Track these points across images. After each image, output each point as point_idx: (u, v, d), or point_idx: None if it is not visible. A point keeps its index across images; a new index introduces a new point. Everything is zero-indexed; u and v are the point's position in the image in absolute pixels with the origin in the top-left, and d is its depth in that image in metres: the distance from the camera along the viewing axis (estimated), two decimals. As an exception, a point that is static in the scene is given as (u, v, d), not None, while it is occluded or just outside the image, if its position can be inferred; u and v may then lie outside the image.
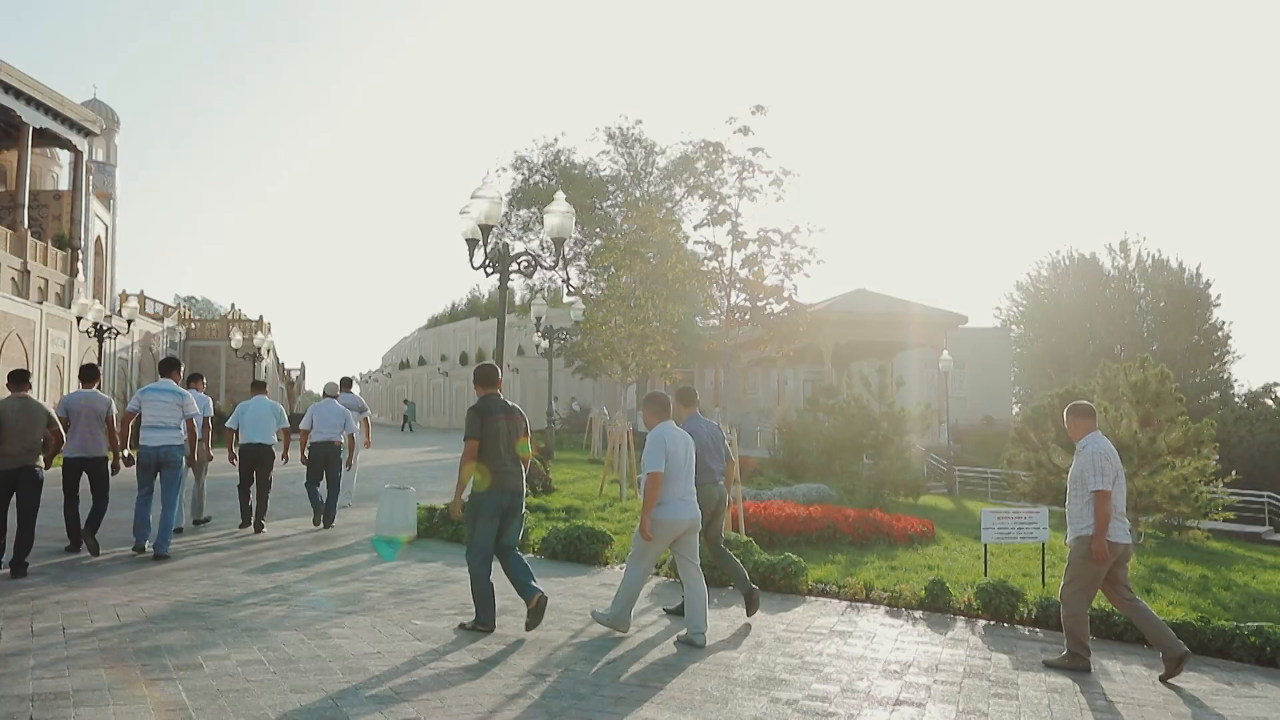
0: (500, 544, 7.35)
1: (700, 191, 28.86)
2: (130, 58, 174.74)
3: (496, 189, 12.47)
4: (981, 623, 8.65)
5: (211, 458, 12.95)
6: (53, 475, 9.77)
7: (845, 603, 9.29)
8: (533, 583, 7.23)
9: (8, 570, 8.85)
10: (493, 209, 12.46)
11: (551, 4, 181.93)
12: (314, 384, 77.31)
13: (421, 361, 66.66)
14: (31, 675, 5.55)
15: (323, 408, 13.37)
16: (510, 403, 7.53)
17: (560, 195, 13.38)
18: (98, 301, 28.22)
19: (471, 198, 12.46)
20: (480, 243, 12.77)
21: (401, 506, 11.81)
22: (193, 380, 13.09)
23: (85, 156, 45.03)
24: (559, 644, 6.98)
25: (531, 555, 11.24)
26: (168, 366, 11.15)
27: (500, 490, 7.20)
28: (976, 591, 8.92)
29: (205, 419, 12.19)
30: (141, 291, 48.34)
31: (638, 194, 43.06)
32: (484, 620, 7.25)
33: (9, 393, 9.58)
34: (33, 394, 9.89)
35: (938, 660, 7.16)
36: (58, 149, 47.11)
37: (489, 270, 13.04)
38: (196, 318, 55.71)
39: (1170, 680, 6.92)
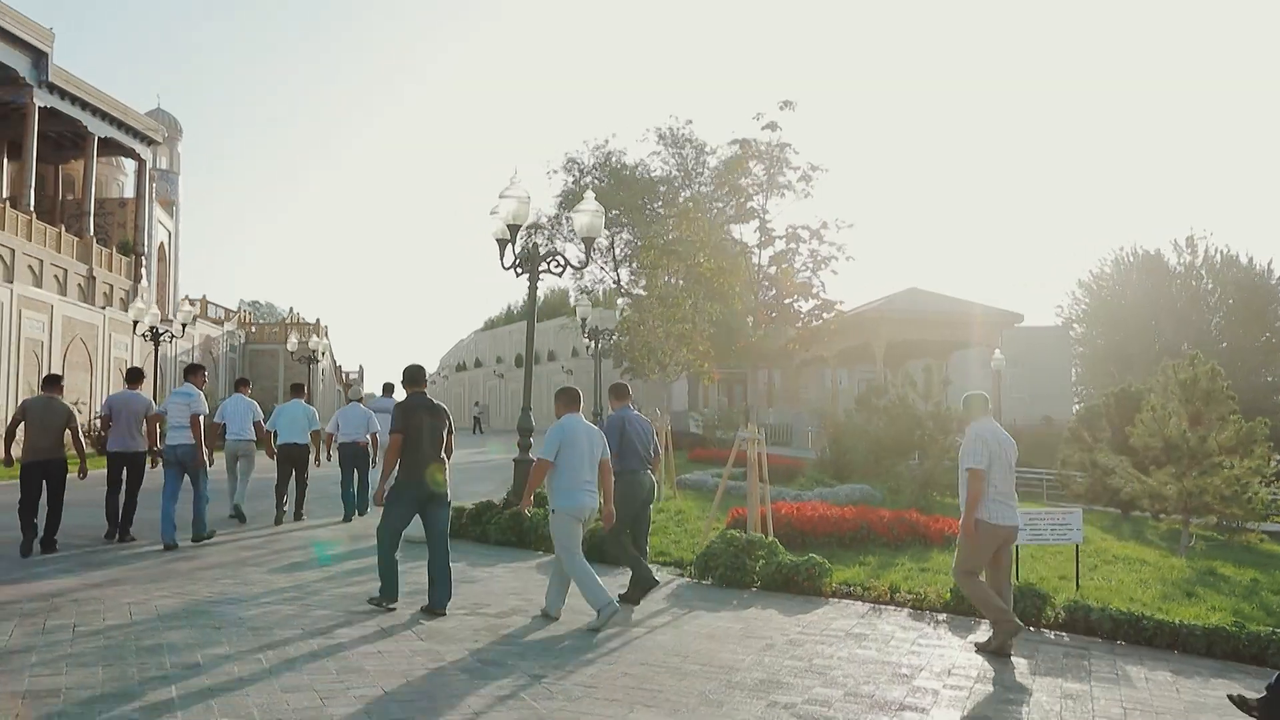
0: (432, 534, 7.81)
1: (726, 188, 28.70)
2: (192, 67, 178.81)
3: (524, 188, 12.46)
4: (1006, 626, 8.41)
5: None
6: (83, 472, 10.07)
7: (868, 605, 9.10)
8: (439, 592, 7.71)
9: (34, 549, 10.02)
10: (520, 208, 12.46)
11: (606, 2, 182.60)
12: (372, 386, 78.31)
13: (478, 364, 67.23)
14: (30, 672, 5.63)
15: (347, 411, 14.19)
16: (436, 402, 8.13)
17: (590, 195, 13.36)
18: (154, 306, 28.79)
19: (500, 197, 12.48)
20: (510, 243, 12.79)
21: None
22: (239, 384, 14.38)
23: (148, 164, 46.10)
24: (563, 645, 6.92)
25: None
26: (191, 371, 11.85)
27: (419, 481, 7.65)
28: (1002, 594, 8.68)
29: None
30: (204, 296, 49.35)
31: (687, 195, 42.92)
32: (388, 594, 7.80)
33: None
34: (61, 396, 10.87)
35: (952, 664, 6.97)
36: (122, 158, 48.24)
37: (519, 271, 13.05)
38: (258, 321, 56.76)
39: (988, 653, 7.15)
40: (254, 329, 51.24)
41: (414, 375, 8.25)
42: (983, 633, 8.10)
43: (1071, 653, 7.54)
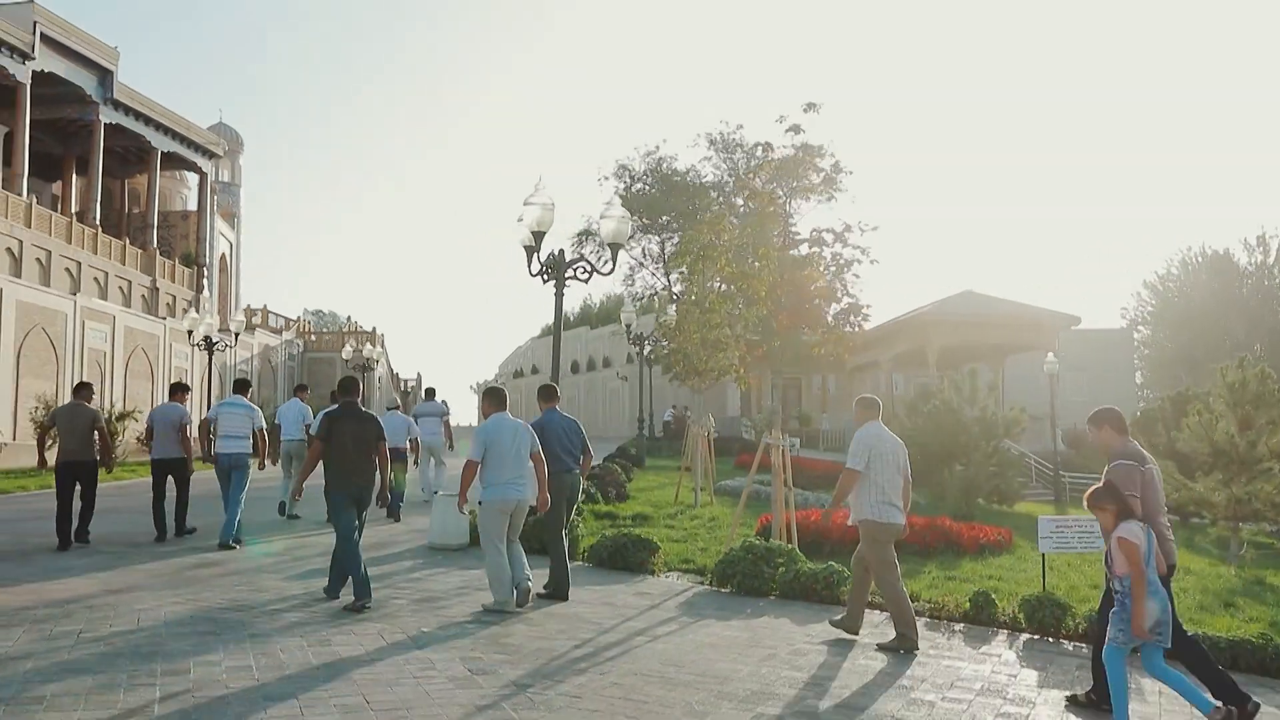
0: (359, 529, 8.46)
1: (746, 192, 28.44)
2: (254, 80, 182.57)
3: (548, 194, 12.43)
4: (1025, 637, 8.19)
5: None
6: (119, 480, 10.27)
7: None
8: (339, 583, 8.37)
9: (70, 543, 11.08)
10: (545, 215, 12.42)
11: (660, 11, 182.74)
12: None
13: (534, 370, 67.55)
14: (22, 679, 5.72)
15: (389, 420, 14.75)
16: (366, 411, 8.70)
17: (616, 200, 13.35)
18: (208, 316, 29.40)
19: (524, 204, 12.45)
20: (535, 249, 12.78)
21: (452, 513, 11.87)
22: (298, 390, 15.69)
23: (209, 178, 47.14)
24: (558, 654, 6.87)
25: (580, 563, 11.17)
26: (240, 386, 12.64)
27: (348, 484, 8.27)
28: (1020, 604, 8.46)
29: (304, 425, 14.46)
30: (265, 306, 50.23)
31: (740, 200, 42.78)
32: (360, 595, 8.15)
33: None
34: (89, 403, 11.81)
35: (956, 676, 6.79)
36: (185, 171, 49.38)
37: (545, 277, 13.04)
38: (318, 330, 57.72)
39: (884, 650, 7.36)
40: (312, 337, 52.08)
41: (346, 386, 8.86)
42: (998, 645, 7.92)
43: (1086, 665, 7.29)
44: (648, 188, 43.08)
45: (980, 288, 39.88)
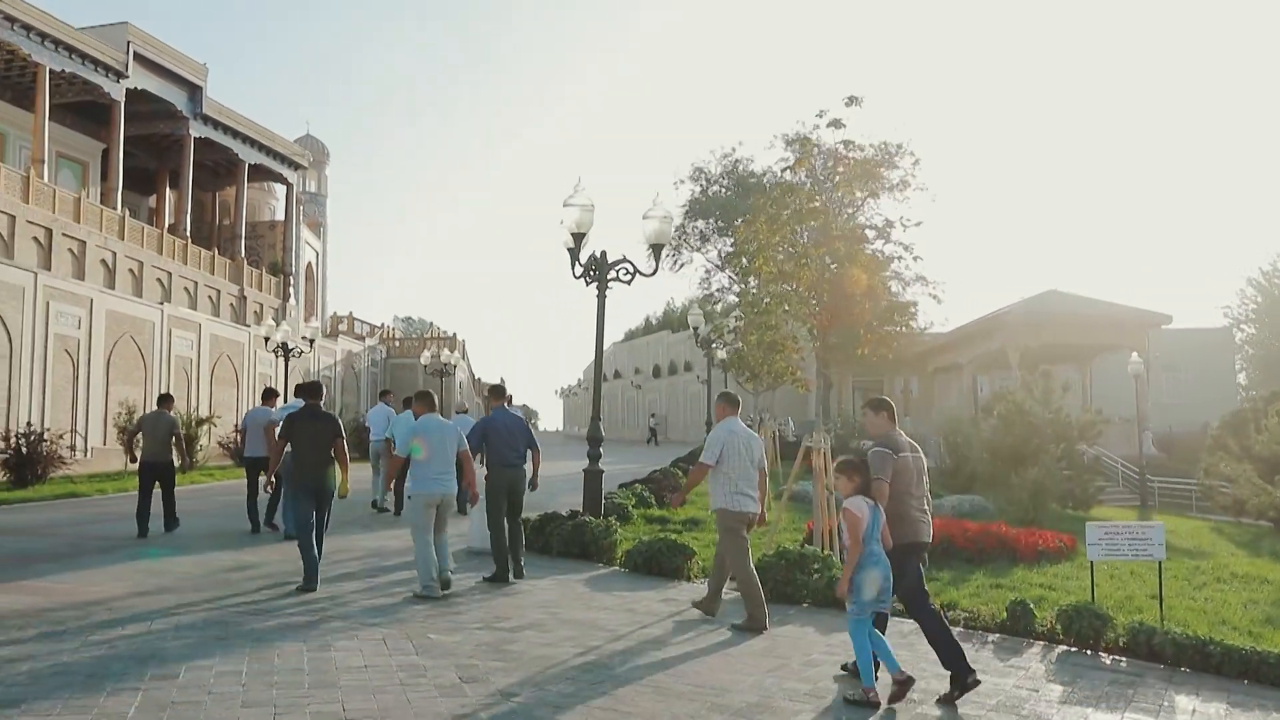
0: (318, 522, 9.19)
1: (782, 192, 27.80)
2: (339, 91, 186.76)
3: (588, 196, 12.34)
4: (1061, 648, 7.76)
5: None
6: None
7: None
8: (316, 573, 9.05)
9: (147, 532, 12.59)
10: (584, 216, 12.36)
11: (738, 12, 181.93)
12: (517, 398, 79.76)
13: (616, 375, 67.66)
14: (11, 681, 5.78)
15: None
16: (327, 412, 9.57)
17: (659, 200, 13.15)
18: (284, 324, 30.04)
19: (563, 205, 12.39)
20: (576, 251, 12.70)
21: (492, 518, 11.80)
22: (383, 395, 17.46)
23: (295, 189, 48.26)
24: (558, 661, 6.72)
25: (615, 569, 11.02)
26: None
27: (304, 478, 9.08)
28: (1058, 614, 8.04)
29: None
30: (350, 313, 51.26)
31: (818, 202, 42.22)
32: (308, 582, 8.96)
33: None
34: (170, 412, 13.62)
35: (976, 691, 6.42)
36: (272, 183, 50.65)
37: (588, 279, 12.95)
38: (400, 337, 58.62)
39: (737, 630, 7.88)
40: (396, 343, 52.95)
41: (309, 390, 9.78)
42: (1030, 657, 7.54)
43: (1120, 680, 6.89)
44: (723, 190, 42.71)
45: (1065, 287, 38.68)
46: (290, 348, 27.40)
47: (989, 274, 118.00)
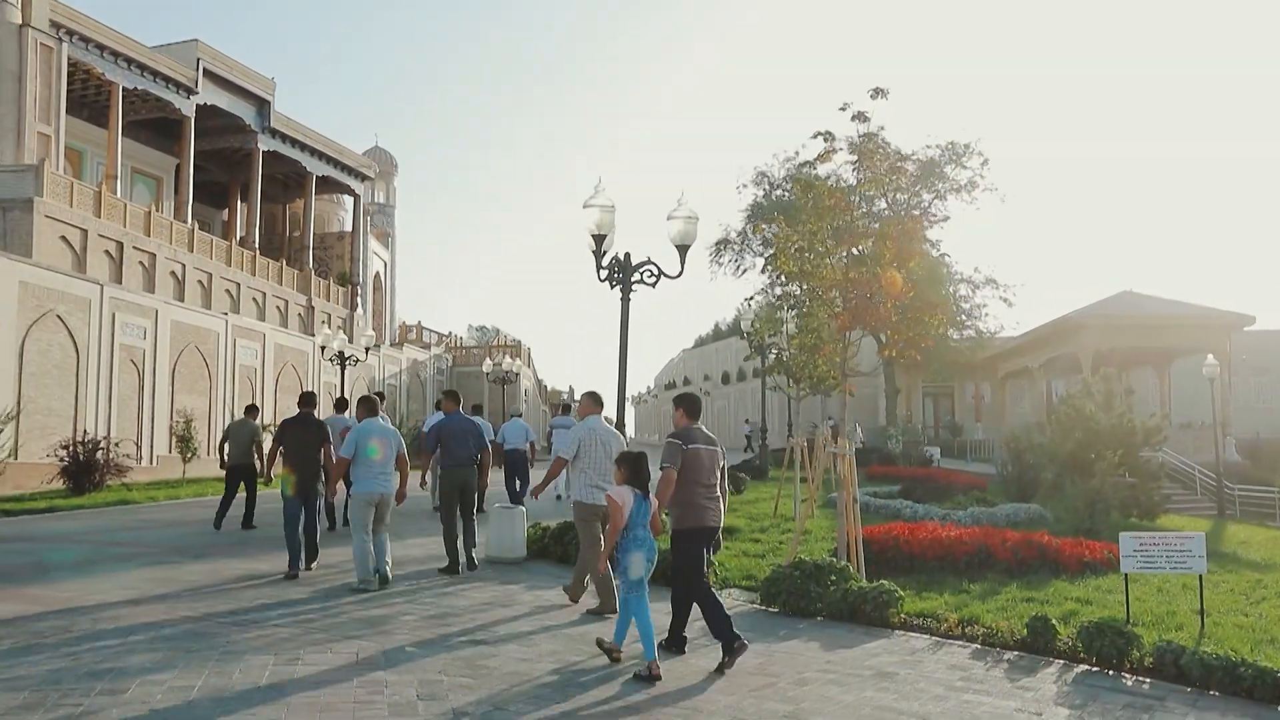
0: (307, 514, 10.40)
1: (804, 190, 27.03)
2: (409, 102, 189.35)
3: (608, 197, 12.03)
4: (1080, 668, 7.21)
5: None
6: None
7: (933, 639, 8.09)
8: (302, 558, 10.32)
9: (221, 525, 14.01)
10: (604, 217, 12.03)
11: (805, 14, 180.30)
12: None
13: (686, 381, 67.34)
14: (-38, 693, 5.67)
15: (510, 425, 18.30)
16: (318, 419, 10.79)
17: (684, 200, 12.78)
18: (340, 332, 30.38)
19: (583, 207, 12.10)
20: (599, 254, 12.40)
21: (509, 526, 11.58)
22: (437, 404, 18.13)
23: (363, 200, 48.92)
24: (529, 678, 6.41)
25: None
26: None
27: (299, 479, 10.27)
28: (1079, 631, 7.49)
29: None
30: (419, 323, 51.81)
31: (883, 204, 41.36)
32: (291, 567, 10.10)
33: (244, 416, 15.27)
34: (254, 421, 14.99)
35: (970, 714, 5.97)
36: (341, 194, 51.46)
37: (613, 282, 12.65)
38: (465, 346, 59.12)
39: (593, 614, 8.43)
40: (461, 352, 53.35)
41: (305, 399, 11.23)
42: (1044, 677, 7.02)
43: (1137, 703, 6.35)
44: (787, 194, 41.99)
45: (1141, 287, 37.25)
46: (347, 356, 27.58)
47: (1062, 276, 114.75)
